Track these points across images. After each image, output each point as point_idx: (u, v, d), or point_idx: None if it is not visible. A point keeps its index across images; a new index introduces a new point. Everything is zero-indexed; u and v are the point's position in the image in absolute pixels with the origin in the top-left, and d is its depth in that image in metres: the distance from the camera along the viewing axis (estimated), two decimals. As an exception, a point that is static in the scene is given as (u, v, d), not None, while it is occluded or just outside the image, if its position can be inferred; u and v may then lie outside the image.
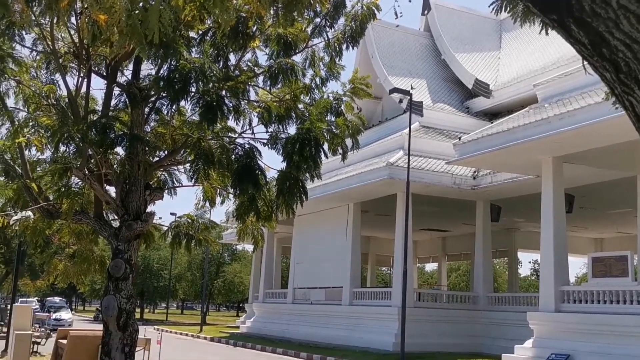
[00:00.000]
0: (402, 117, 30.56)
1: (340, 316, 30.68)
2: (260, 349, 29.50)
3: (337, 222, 32.24)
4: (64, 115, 9.18)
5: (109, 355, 8.87)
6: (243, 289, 60.52)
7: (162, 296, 66.71)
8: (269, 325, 37.39)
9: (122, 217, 9.30)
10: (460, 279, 68.17)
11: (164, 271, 61.08)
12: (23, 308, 16.15)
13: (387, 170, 25.90)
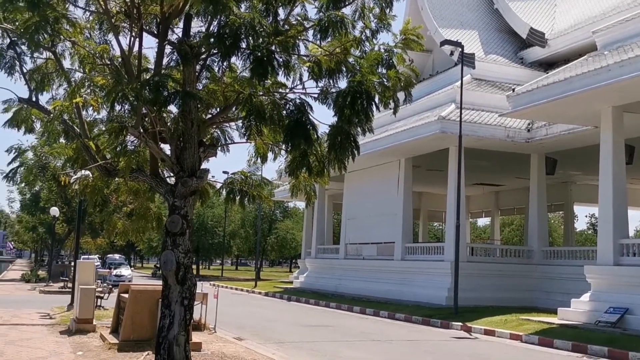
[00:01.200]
0: (454, 69, 29.95)
1: (392, 271, 30.85)
2: (314, 303, 29.99)
3: (388, 178, 32.14)
4: (118, 74, 9.29)
5: (169, 308, 9.14)
6: (295, 245, 61.40)
7: (217, 253, 68.29)
8: (322, 280, 37.93)
9: (178, 174, 9.46)
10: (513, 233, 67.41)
11: (218, 228, 62.37)
12: (86, 264, 16.77)
13: (439, 124, 25.54)
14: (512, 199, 40.89)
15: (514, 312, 21.79)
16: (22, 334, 15.18)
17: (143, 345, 12.61)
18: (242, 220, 64.20)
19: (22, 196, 47.21)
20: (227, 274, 63.01)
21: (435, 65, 34.50)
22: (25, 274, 46.11)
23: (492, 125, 26.07)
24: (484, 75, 30.37)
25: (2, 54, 9.94)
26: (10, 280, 43.56)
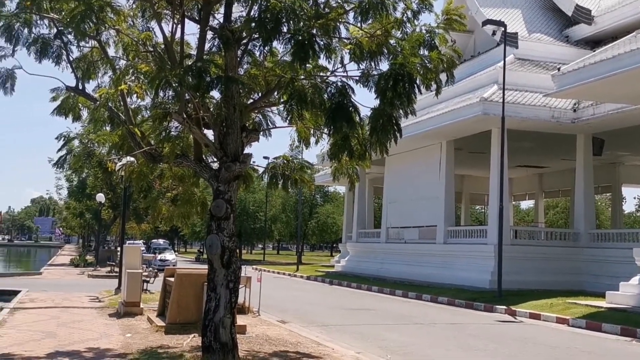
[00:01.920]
0: (496, 50, 29.41)
1: (435, 254, 30.68)
2: (356, 287, 30.07)
3: (430, 161, 31.88)
4: (161, 61, 9.40)
5: (215, 290, 9.28)
6: (336, 229, 61.54)
7: (259, 237, 68.97)
8: (363, 264, 37.97)
9: (221, 159, 9.55)
10: (558, 216, 66.19)
11: (260, 213, 62.91)
12: (133, 248, 17.13)
13: (481, 105, 25.17)
14: (557, 180, 40.13)
15: (560, 295, 21.46)
16: (74, 316, 15.62)
17: (189, 328, 12.84)
18: (283, 205, 64.60)
19: (70, 183, 48.44)
20: (269, 258, 63.63)
21: (476, 46, 33.92)
22: (74, 259, 47.37)
23: (536, 106, 25.56)
24: (528, 55, 29.71)
25: (50, 43, 10.14)
26: (60, 265, 44.84)
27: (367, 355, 11.45)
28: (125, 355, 10.53)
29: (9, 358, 10.10)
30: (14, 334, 12.61)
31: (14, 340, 11.82)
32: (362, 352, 11.79)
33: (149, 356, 10.28)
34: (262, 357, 10.48)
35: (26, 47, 9.98)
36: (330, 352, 11.49)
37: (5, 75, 9.97)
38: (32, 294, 20.79)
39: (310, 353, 11.24)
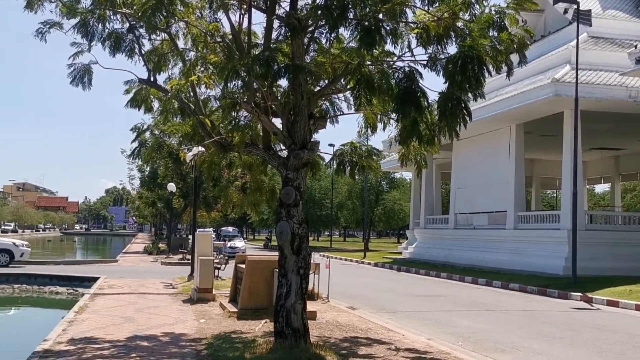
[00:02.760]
0: (568, 28, 28.43)
1: (505, 240, 30.09)
2: (424, 274, 29.86)
3: (499, 145, 31.22)
4: (229, 51, 9.54)
5: (286, 277, 9.40)
6: (403, 215, 61.15)
7: (325, 224, 69.31)
8: (431, 250, 37.64)
9: (290, 147, 9.63)
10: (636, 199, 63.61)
11: (326, 200, 63.20)
12: (204, 236, 17.54)
13: (553, 87, 24.40)
14: (635, 163, 38.56)
15: (639, 282, 20.66)
16: (149, 302, 16.17)
17: (260, 314, 13.08)
18: (348, 192, 64.63)
19: (141, 173, 49.88)
20: (336, 245, 63.88)
21: (547, 25, 32.86)
22: (147, 247, 48.92)
23: (611, 85, 24.59)
24: (602, 33, 28.58)
25: (123, 38, 10.43)
26: (134, 253, 46.42)
27: (438, 341, 11.38)
28: (199, 340, 10.83)
29: (92, 341, 10.57)
30: (95, 318, 13.17)
31: (96, 324, 12.35)
32: (432, 338, 11.73)
33: (223, 341, 10.53)
34: (332, 343, 10.57)
35: (101, 42, 10.30)
36: (401, 338, 11.47)
37: (83, 71, 10.33)
38: (110, 281, 21.63)
39: (381, 339, 11.26)
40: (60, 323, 12.41)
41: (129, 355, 9.46)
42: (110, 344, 10.32)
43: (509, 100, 27.32)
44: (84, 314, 13.79)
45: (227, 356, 9.19)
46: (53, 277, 24.23)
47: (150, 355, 9.48)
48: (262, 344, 9.56)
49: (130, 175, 51.19)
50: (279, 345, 9.19)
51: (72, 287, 22.82)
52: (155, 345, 10.32)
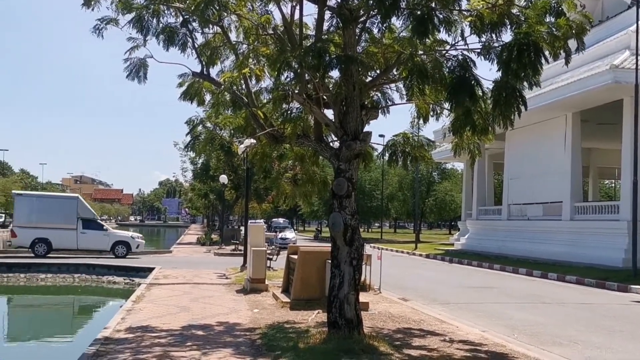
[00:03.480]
0: (627, 13, 27.49)
1: (561, 232, 29.43)
2: (476, 265, 29.48)
3: (554, 134, 30.50)
4: (281, 43, 9.58)
5: (338, 268, 9.42)
6: (455, 207, 60.44)
7: (376, 216, 69.08)
8: (484, 242, 37.11)
9: (342, 138, 9.62)
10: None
11: (376, 192, 62.98)
12: (257, 227, 17.70)
13: (612, 73, 23.64)
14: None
15: None
16: (204, 292, 16.45)
17: (313, 304, 13.15)
18: (399, 183, 64.23)
19: (194, 166, 50.66)
20: (386, 237, 63.68)
21: (604, 10, 31.84)
22: (200, 238, 49.74)
23: (673, 71, 23.64)
24: (663, 17, 27.49)
25: (176, 32, 10.58)
26: (188, 244, 47.29)
27: (493, 333, 11.22)
28: (253, 329, 10.97)
29: (149, 329, 10.83)
30: (152, 307, 13.48)
31: (153, 313, 12.65)
32: (487, 330, 11.58)
33: (277, 331, 10.63)
34: (385, 334, 10.55)
35: (155, 36, 10.48)
36: (455, 329, 11.37)
37: (138, 65, 10.55)
38: (165, 271, 22.10)
39: (434, 330, 11.18)
40: (119, 312, 12.75)
41: (184, 344, 9.65)
42: (166, 333, 10.55)
43: (565, 87, 26.61)
44: (141, 303, 14.13)
45: (281, 346, 9.27)
46: (111, 267, 24.94)
47: (205, 344, 9.65)
48: (316, 334, 9.62)
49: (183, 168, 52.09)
50: (332, 335, 9.23)
51: (128, 277, 23.45)
52: (210, 335, 10.50)
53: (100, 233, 30.23)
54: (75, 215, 29.83)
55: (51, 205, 30.30)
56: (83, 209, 30.74)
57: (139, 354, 8.92)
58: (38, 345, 14.01)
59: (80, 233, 29.66)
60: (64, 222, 29.34)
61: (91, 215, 31.16)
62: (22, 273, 24.42)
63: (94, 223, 30.80)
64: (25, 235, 29.04)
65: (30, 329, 16.28)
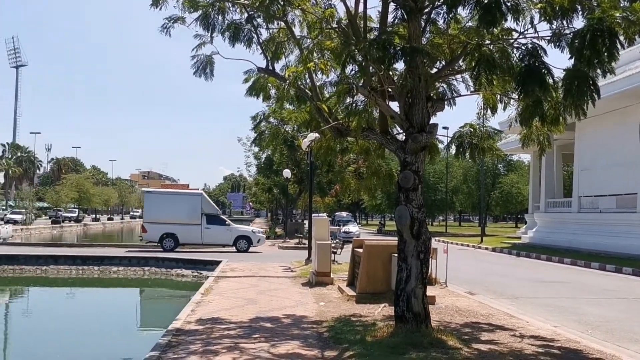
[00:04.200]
0: None
1: (635, 225, 28.33)
2: (545, 259, 28.74)
3: (628, 123, 29.33)
4: (345, 36, 9.56)
5: (405, 261, 9.36)
6: (521, 199, 59.04)
7: (440, 209, 68.27)
8: (553, 235, 36.14)
9: (407, 130, 9.54)
10: None
11: (440, 185, 62.20)
12: (321, 221, 17.78)
13: (689, 59, 22.56)
14: None
15: None
16: (270, 284, 16.66)
17: (378, 298, 13.12)
18: (464, 175, 63.24)
19: (258, 160, 51.29)
20: (451, 230, 62.81)
21: (681, -7, 30.36)
22: (265, 232, 50.31)
23: None
24: None
25: (241, 28, 10.74)
26: (253, 237, 47.89)
27: (566, 329, 10.92)
28: (320, 322, 11.04)
29: (219, 321, 11.05)
30: (220, 300, 13.75)
31: (221, 305, 12.90)
32: (559, 325, 11.28)
33: (343, 324, 10.66)
34: (453, 328, 10.42)
35: (221, 33, 10.67)
36: (525, 324, 11.12)
37: (205, 61, 10.75)
38: (232, 264, 22.49)
39: (503, 325, 10.97)
40: (189, 304, 13.06)
41: (253, 336, 9.80)
42: (235, 325, 10.74)
43: (639, 75, 25.58)
44: (209, 295, 14.43)
45: (349, 339, 9.30)
46: (179, 260, 25.56)
47: (273, 336, 9.78)
48: (383, 328, 9.59)
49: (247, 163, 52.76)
50: (399, 329, 9.18)
51: (196, 270, 23.99)
52: (278, 327, 10.63)
53: (223, 228, 30.80)
54: (200, 211, 30.46)
55: (177, 202, 30.97)
56: (207, 205, 31.27)
57: (209, 345, 9.12)
58: (112, 335, 14.52)
59: (204, 228, 30.31)
60: (189, 218, 30.02)
61: (214, 211, 31.70)
62: (96, 266, 25.34)
63: (217, 218, 31.24)
64: (154, 231, 29.96)
65: (103, 319, 16.88)
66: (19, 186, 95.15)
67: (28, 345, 13.49)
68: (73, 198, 73.39)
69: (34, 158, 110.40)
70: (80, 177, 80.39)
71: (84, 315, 17.54)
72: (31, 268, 24.92)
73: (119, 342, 13.62)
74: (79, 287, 23.10)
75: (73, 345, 13.33)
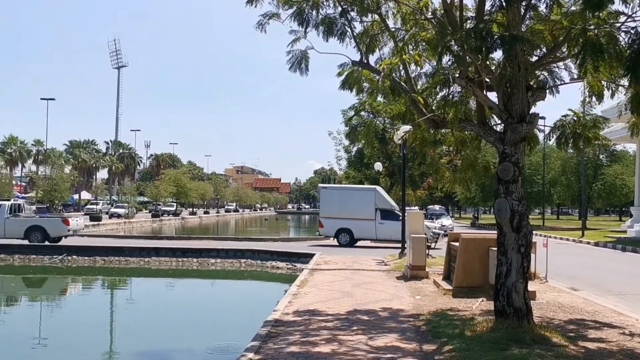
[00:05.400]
0: None
1: None
2: (654, 255, 27.24)
3: None
4: (441, 27, 9.40)
5: (505, 255, 9.12)
6: (626, 191, 56.16)
7: (537, 202, 65.96)
8: (662, 228, 34.16)
9: (506, 121, 9.28)
10: None
11: (537, 177, 60.10)
12: (415, 214, 17.63)
13: None
14: None
15: None
16: (364, 278, 16.70)
17: (475, 292, 12.86)
18: (562, 166, 60.83)
19: (348, 154, 51.43)
20: (549, 223, 60.63)
21: None
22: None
23: None
24: None
25: (335, 22, 10.78)
26: (345, 231, 48.10)
27: (680, 329, 10.31)
28: (417, 316, 10.96)
29: (316, 313, 11.20)
30: (315, 292, 13.92)
31: (317, 297, 13.06)
32: (673, 325, 10.65)
33: (441, 318, 10.53)
34: (557, 325, 10.07)
35: (315, 28, 10.76)
36: (634, 322, 10.59)
37: (300, 57, 10.87)
38: (325, 257, 22.70)
39: (611, 323, 10.48)
40: (286, 296, 13.30)
41: (350, 328, 9.87)
42: (332, 317, 10.85)
43: None
44: (305, 287, 14.64)
45: (447, 333, 9.18)
46: (274, 253, 26.09)
47: (371, 329, 9.80)
48: (482, 322, 9.40)
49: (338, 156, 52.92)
50: (499, 324, 8.97)
51: (290, 262, 24.41)
52: (375, 320, 10.64)
53: (397, 224, 27.36)
54: (374, 206, 29.80)
55: (351, 197, 30.65)
56: (380, 200, 30.27)
57: (308, 336, 9.26)
58: (210, 325, 15.02)
59: (378, 224, 29.51)
60: (363, 213, 29.53)
61: (388, 206, 30.35)
62: (195, 258, 26.28)
63: (392, 214, 29.54)
64: (330, 226, 30.23)
65: (202, 309, 17.49)
66: (121, 182, 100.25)
67: (135, 331, 14.19)
68: (171, 192, 76.32)
69: (135, 155, 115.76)
70: (178, 173, 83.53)
71: (184, 305, 18.23)
72: (135, 259, 26.17)
73: (217, 332, 14.06)
74: (178, 278, 24.03)
75: (174, 333, 13.89)
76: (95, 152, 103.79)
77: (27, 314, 17.00)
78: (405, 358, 8.02)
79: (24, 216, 29.65)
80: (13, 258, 26.05)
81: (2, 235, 27.84)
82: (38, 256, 26.20)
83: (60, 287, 22.40)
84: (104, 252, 26.68)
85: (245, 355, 8.12)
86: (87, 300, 19.77)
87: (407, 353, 8.28)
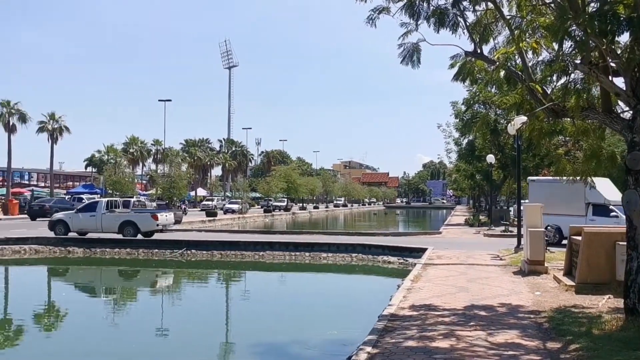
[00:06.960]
0: None
1: None
2: None
3: None
4: (562, 11, 9.00)
5: (636, 250, 8.64)
6: None
7: None
8: None
9: (635, 108, 8.76)
10: None
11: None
12: (533, 207, 16.95)
13: None
14: None
15: None
16: (479, 272, 16.33)
17: (601, 289, 12.26)
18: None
19: (458, 146, 50.36)
20: None
21: None
22: (468, 219, 49.37)
23: None
24: None
25: (446, 13, 10.60)
26: (456, 225, 47.29)
27: None
28: (538, 312, 10.60)
29: (432, 308, 11.08)
30: (430, 287, 13.78)
31: (432, 292, 12.92)
32: None
33: (564, 315, 10.12)
34: (694, 325, 9.38)
35: (426, 20, 10.64)
36: None
37: (412, 49, 10.79)
38: (438, 252, 22.40)
39: None
40: (400, 290, 13.25)
41: (468, 324, 9.69)
42: (448, 312, 10.70)
43: None
44: (419, 282, 14.52)
45: (572, 331, 8.80)
46: (385, 247, 26.03)
47: (489, 325, 9.58)
48: (610, 321, 8.95)
49: (447, 149, 51.93)
50: (630, 323, 8.51)
51: (402, 257, 24.26)
52: (493, 315, 10.39)
53: (611, 221, 23.36)
54: (584, 200, 25.29)
55: (560, 191, 23.57)
56: (593, 194, 24.34)
57: (425, 331, 9.19)
58: (325, 318, 15.21)
59: (589, 220, 24.49)
60: (571, 209, 25.25)
61: (602, 200, 25.01)
62: (307, 252, 26.72)
63: (605, 209, 25.08)
64: None
65: (316, 303, 17.76)
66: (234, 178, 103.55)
67: (252, 321, 14.64)
68: (282, 188, 77.96)
69: (246, 152, 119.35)
70: (288, 169, 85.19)
71: (297, 298, 18.60)
72: (250, 253, 26.98)
73: (332, 324, 14.21)
74: (292, 272, 24.54)
75: (289, 324, 14.19)
76: (209, 150, 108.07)
77: (151, 304, 18.00)
78: (528, 356, 7.77)
79: (119, 212, 31.32)
80: (137, 252, 27.62)
81: (100, 229, 29.68)
82: (160, 250, 27.63)
83: (180, 279, 23.53)
84: (220, 247, 27.72)
85: (363, 349, 8.17)
86: (206, 292, 20.62)
87: (530, 350, 8.02)
